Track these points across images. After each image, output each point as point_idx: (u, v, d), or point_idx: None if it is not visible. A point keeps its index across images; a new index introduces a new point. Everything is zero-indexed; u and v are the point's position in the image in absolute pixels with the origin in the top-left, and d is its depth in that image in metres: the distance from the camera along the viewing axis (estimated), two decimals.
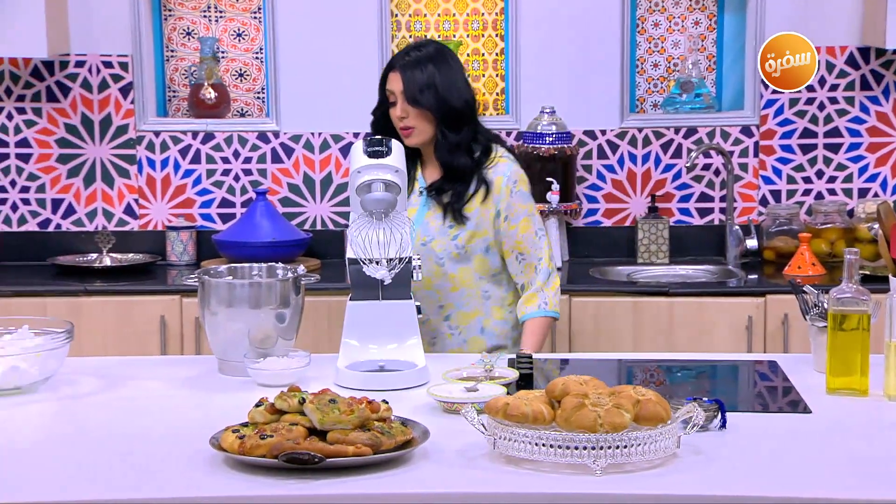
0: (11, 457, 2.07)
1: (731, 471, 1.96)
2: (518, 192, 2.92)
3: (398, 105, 2.87)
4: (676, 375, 2.73)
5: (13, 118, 4.15)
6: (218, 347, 2.59)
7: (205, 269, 2.68)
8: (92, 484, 1.91)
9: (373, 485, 1.89)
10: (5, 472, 1.98)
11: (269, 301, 2.56)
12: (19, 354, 2.40)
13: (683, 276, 4.09)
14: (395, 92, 2.87)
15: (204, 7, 4.25)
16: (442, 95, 2.85)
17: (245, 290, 2.57)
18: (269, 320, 2.55)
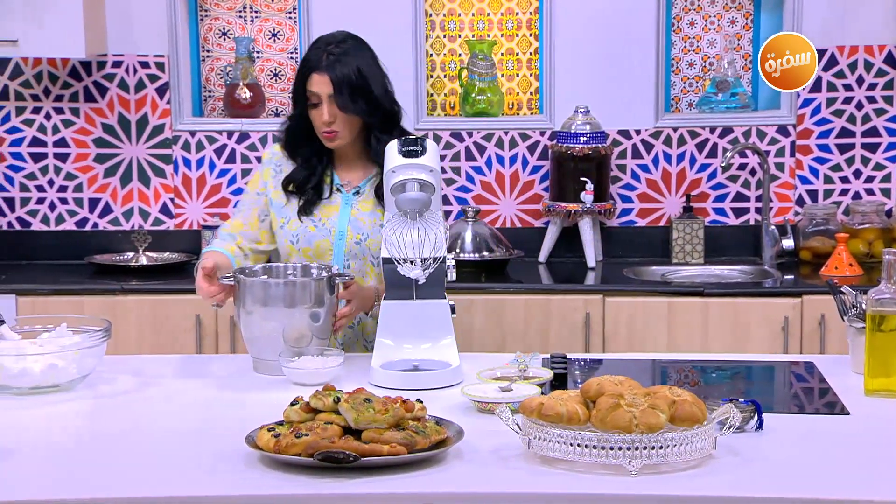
0: (50, 454, 2.09)
1: (768, 472, 1.94)
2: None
3: (324, 108, 2.74)
4: (711, 376, 2.71)
5: (51, 118, 4.19)
6: (253, 346, 2.60)
7: (240, 269, 2.69)
8: (129, 481, 1.93)
9: (407, 484, 1.89)
10: (44, 469, 2.00)
11: (303, 300, 2.57)
12: (58, 352, 2.42)
13: (718, 277, 4.06)
14: (322, 95, 2.74)
15: (239, 7, 4.28)
16: (375, 99, 2.78)
17: (280, 290, 2.58)
18: (303, 319, 2.56)
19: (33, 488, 1.90)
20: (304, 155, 2.84)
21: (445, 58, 4.32)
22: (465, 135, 4.24)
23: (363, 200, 2.83)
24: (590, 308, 3.72)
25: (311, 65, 2.76)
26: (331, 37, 2.83)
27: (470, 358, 2.62)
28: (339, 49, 2.77)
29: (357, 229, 2.81)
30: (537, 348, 3.17)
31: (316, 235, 2.80)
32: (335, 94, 2.74)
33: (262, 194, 2.86)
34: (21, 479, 1.94)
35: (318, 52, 2.77)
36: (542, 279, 3.99)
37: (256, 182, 2.89)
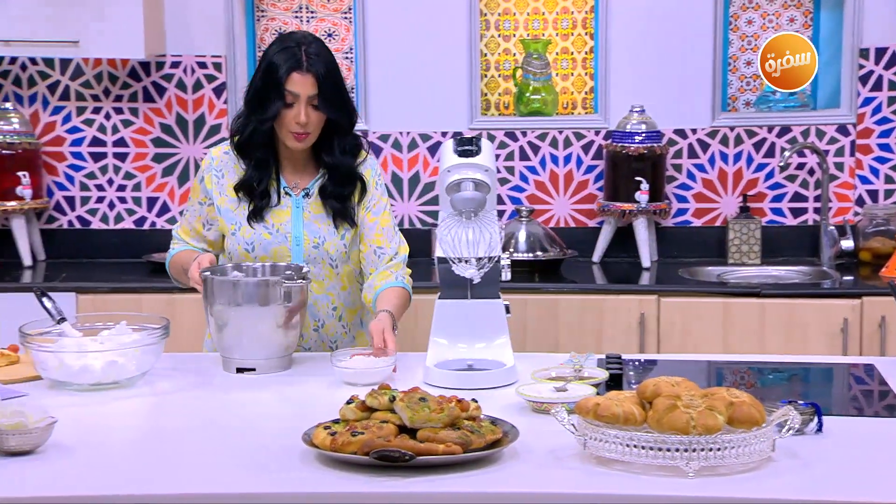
0: (110, 450, 2.12)
1: (828, 475, 1.92)
2: (381, 185, 2.86)
3: (301, 109, 2.67)
4: (768, 378, 2.68)
5: (111, 118, 4.25)
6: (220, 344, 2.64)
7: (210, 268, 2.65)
8: (187, 477, 1.95)
9: (462, 483, 1.89)
10: (103, 465, 2.02)
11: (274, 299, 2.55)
12: (118, 350, 2.45)
13: (776, 277, 4.02)
14: (301, 95, 2.67)
15: (296, 7, 4.31)
16: (346, 103, 2.76)
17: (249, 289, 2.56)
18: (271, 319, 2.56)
19: (93, 484, 1.93)
20: (256, 157, 2.76)
21: (500, 57, 4.31)
22: (519, 134, 4.23)
23: (313, 203, 2.80)
24: (644, 308, 3.70)
25: (290, 64, 2.67)
26: (301, 36, 2.74)
27: (524, 358, 2.62)
28: (313, 49, 2.70)
29: (313, 233, 2.78)
30: (591, 348, 3.15)
31: (272, 242, 2.76)
32: (319, 95, 2.69)
33: (205, 203, 2.81)
34: (81, 475, 1.96)
35: (294, 51, 2.69)
36: (596, 279, 3.97)
37: (197, 191, 2.83)
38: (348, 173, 2.79)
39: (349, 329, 2.88)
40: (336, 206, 2.78)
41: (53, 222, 4.29)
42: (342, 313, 2.85)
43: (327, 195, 2.78)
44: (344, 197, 2.79)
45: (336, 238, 2.79)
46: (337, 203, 2.78)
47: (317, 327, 2.81)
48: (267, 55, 2.74)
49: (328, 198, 2.78)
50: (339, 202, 2.79)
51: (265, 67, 2.71)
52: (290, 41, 2.72)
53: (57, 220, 4.29)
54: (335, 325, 2.85)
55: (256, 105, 2.72)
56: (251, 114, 2.74)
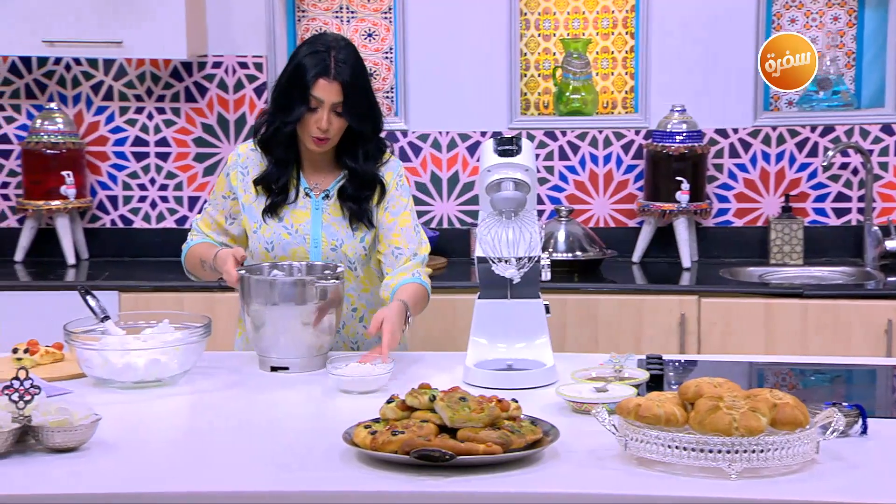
0: (152, 447, 2.14)
1: (873, 478, 1.90)
2: (402, 185, 2.84)
3: (324, 115, 2.68)
4: (810, 379, 2.66)
5: (153, 118, 4.29)
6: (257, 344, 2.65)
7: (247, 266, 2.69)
8: (227, 475, 1.96)
9: (503, 483, 1.88)
10: (147, 462, 2.04)
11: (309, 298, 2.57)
12: (161, 348, 2.47)
13: (818, 278, 3.98)
14: (326, 102, 2.68)
15: (336, 8, 4.32)
16: (372, 109, 2.75)
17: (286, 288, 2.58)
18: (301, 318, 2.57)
19: (136, 481, 1.95)
20: (279, 155, 2.77)
21: (540, 57, 4.30)
22: (558, 134, 4.22)
23: (332, 205, 2.80)
24: (685, 309, 3.68)
25: (318, 69, 2.67)
26: (332, 40, 2.73)
27: (564, 358, 2.61)
28: (342, 55, 2.70)
29: (331, 235, 2.78)
30: (631, 349, 3.14)
31: (291, 243, 2.77)
32: (344, 103, 2.69)
33: (229, 198, 2.83)
34: (125, 472, 1.98)
35: (324, 56, 2.69)
36: (636, 279, 3.95)
37: (222, 185, 2.85)
38: (369, 178, 2.80)
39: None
40: (353, 208, 2.79)
41: (96, 221, 4.34)
42: (363, 314, 2.86)
43: (346, 197, 2.79)
44: (361, 199, 2.79)
45: (354, 241, 2.79)
46: (354, 205, 2.79)
47: (338, 329, 2.81)
48: (297, 55, 2.74)
49: (346, 200, 2.79)
50: (357, 204, 2.79)
51: (293, 69, 2.72)
52: (321, 44, 2.72)
53: (100, 219, 4.34)
54: (356, 326, 2.86)
55: (281, 105, 2.73)
56: (275, 113, 2.75)
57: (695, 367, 2.74)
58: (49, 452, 2.03)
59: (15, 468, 1.97)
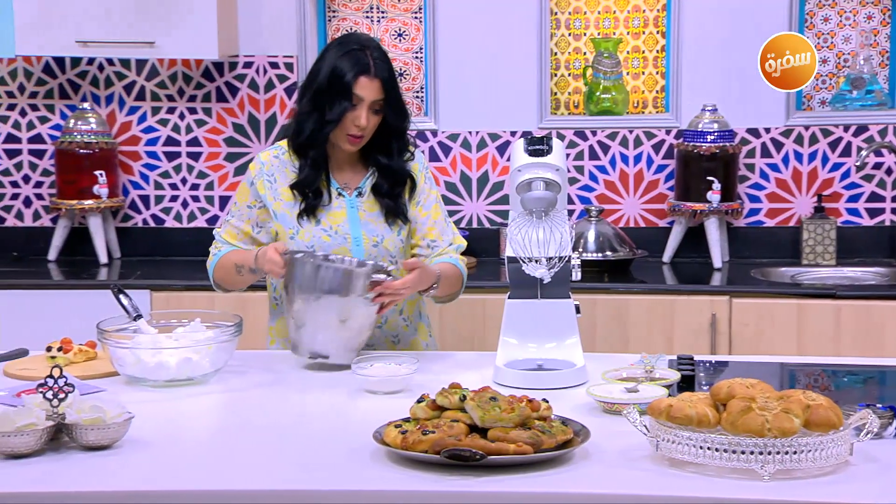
0: (185, 445, 2.15)
1: None
2: (429, 178, 2.88)
3: (363, 113, 2.69)
4: (843, 380, 2.64)
5: (185, 118, 4.31)
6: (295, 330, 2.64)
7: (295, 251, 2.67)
8: (259, 473, 1.97)
9: (533, 483, 1.88)
10: (180, 460, 2.05)
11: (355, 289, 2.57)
12: (193, 346, 2.49)
13: (851, 279, 3.95)
14: (367, 99, 2.69)
15: (366, 8, 4.33)
16: (404, 105, 2.78)
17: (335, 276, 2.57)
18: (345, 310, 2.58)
19: (169, 478, 1.96)
20: (313, 156, 2.76)
21: (570, 56, 4.29)
22: (588, 133, 4.21)
23: (366, 202, 2.81)
24: (716, 309, 3.66)
25: (359, 68, 2.69)
26: (364, 39, 2.75)
27: (594, 358, 2.61)
28: (377, 53, 2.73)
29: (371, 232, 2.79)
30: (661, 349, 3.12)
31: (332, 244, 2.76)
32: (384, 100, 2.71)
33: (255, 207, 2.80)
34: (158, 470, 1.99)
35: (361, 55, 2.70)
36: (667, 279, 3.94)
37: (246, 194, 2.81)
38: (401, 172, 2.82)
39: (410, 322, 2.89)
40: (389, 204, 2.80)
41: (128, 221, 4.37)
42: (402, 307, 2.86)
43: (382, 194, 2.80)
44: (396, 195, 2.81)
45: (393, 235, 2.81)
46: (390, 201, 2.80)
47: (380, 324, 2.81)
48: (328, 57, 2.74)
49: (383, 196, 2.80)
50: (392, 200, 2.81)
51: (330, 70, 2.71)
52: (354, 43, 2.73)
53: (132, 218, 4.37)
54: (397, 320, 2.86)
55: (319, 106, 2.73)
56: (310, 114, 2.74)
57: (726, 367, 2.72)
58: (82, 450, 2.05)
59: (49, 466, 1.99)
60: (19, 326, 3.60)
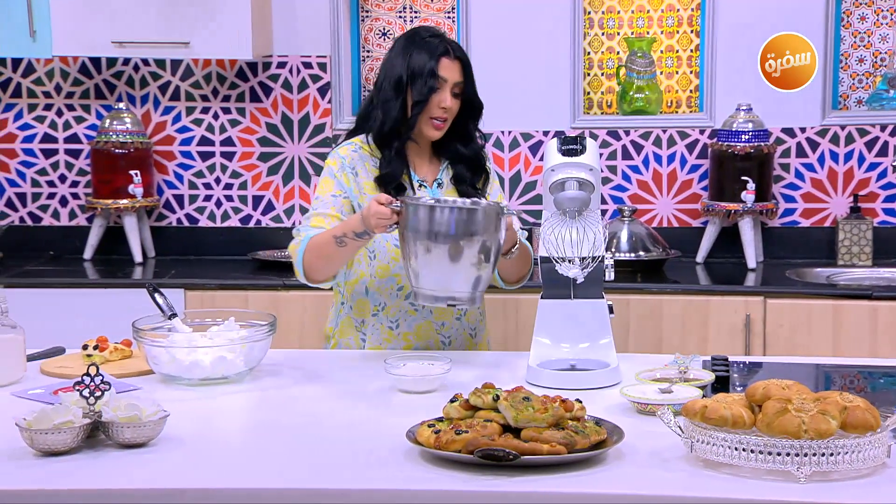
0: (220, 444, 2.16)
1: None
2: (493, 169, 2.93)
3: (447, 95, 2.73)
4: (879, 382, 2.61)
5: (219, 118, 4.33)
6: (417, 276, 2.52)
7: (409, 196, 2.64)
8: (293, 472, 1.98)
9: (567, 484, 1.88)
10: (215, 458, 2.06)
11: (477, 230, 2.48)
12: (227, 345, 2.50)
13: (888, 279, 3.92)
14: (450, 81, 2.73)
15: (399, 8, 4.33)
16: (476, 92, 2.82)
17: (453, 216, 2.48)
18: (473, 251, 2.49)
19: (204, 476, 1.97)
20: (396, 148, 2.75)
21: (603, 56, 4.28)
22: (622, 133, 4.19)
23: (447, 192, 2.82)
24: (750, 310, 3.63)
25: (440, 50, 2.73)
26: (435, 28, 2.84)
27: (627, 358, 2.60)
28: (449, 38, 2.79)
29: None
30: (695, 350, 3.10)
31: None
32: (464, 81, 2.76)
33: (340, 196, 2.75)
34: (193, 468, 2.01)
35: (436, 41, 2.75)
36: (700, 280, 3.91)
37: (330, 185, 2.76)
38: (480, 159, 2.84)
39: (483, 316, 2.92)
40: (472, 194, 2.80)
41: (163, 220, 4.40)
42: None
43: (466, 182, 2.81)
44: (476, 185, 2.83)
45: None
46: (473, 191, 2.81)
47: (459, 316, 2.81)
48: (402, 50, 2.76)
49: (466, 185, 2.81)
50: (474, 189, 2.82)
51: (410, 59, 2.73)
52: (426, 33, 2.79)
53: (166, 217, 4.40)
54: (474, 312, 2.87)
55: (401, 94, 2.73)
56: (394, 102, 2.73)
57: (760, 368, 2.70)
58: (119, 448, 2.06)
59: (86, 463, 2.00)
60: (56, 325, 3.63)
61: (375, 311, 2.80)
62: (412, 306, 2.80)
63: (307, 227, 2.73)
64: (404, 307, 2.80)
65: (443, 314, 2.81)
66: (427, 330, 2.81)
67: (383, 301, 2.80)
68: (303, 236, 2.71)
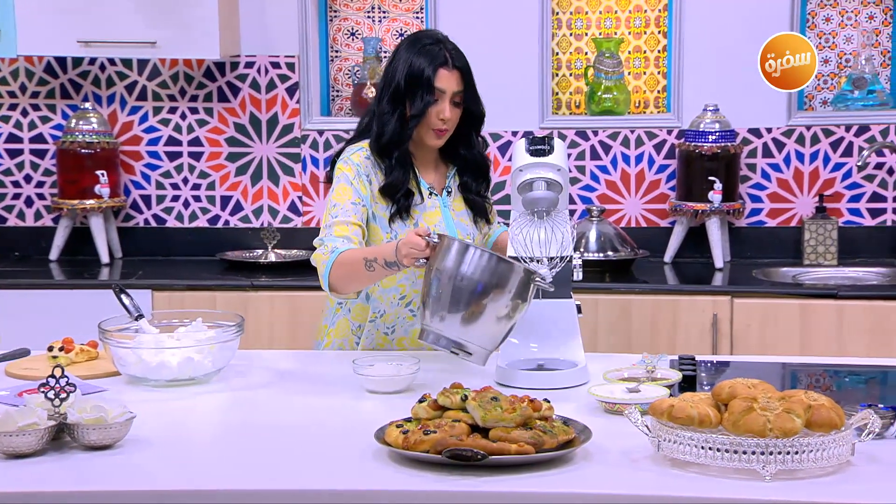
0: (187, 445, 2.15)
1: None
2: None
3: (445, 105, 2.68)
4: (845, 381, 2.64)
5: (186, 118, 4.31)
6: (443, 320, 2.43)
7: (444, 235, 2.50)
8: (261, 473, 1.97)
9: (535, 483, 1.88)
10: (181, 459, 2.05)
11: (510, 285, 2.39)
12: (195, 346, 2.49)
13: (853, 279, 3.95)
14: (448, 91, 2.68)
15: (368, 8, 4.33)
16: (479, 98, 2.78)
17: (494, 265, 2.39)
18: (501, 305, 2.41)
19: (171, 478, 1.96)
20: (397, 157, 2.70)
21: (572, 56, 4.29)
22: (590, 133, 4.21)
23: (454, 200, 2.80)
24: (717, 309, 3.66)
25: (438, 61, 2.68)
26: (435, 34, 2.76)
27: (595, 358, 2.61)
28: (451, 45, 2.74)
29: (464, 230, 2.77)
30: (663, 349, 3.11)
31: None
32: (464, 90, 2.71)
33: (359, 204, 2.69)
34: (159, 469, 2.00)
35: (437, 49, 2.70)
36: (668, 280, 3.94)
37: (349, 192, 2.68)
38: (483, 163, 2.82)
39: None
40: (478, 202, 2.79)
41: (130, 220, 4.37)
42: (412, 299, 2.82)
43: (472, 191, 2.79)
44: (481, 192, 2.82)
45: (479, 235, 2.81)
46: (478, 198, 2.80)
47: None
48: (402, 56, 2.71)
49: (472, 193, 2.78)
50: (480, 197, 2.80)
51: (408, 67, 2.68)
52: (427, 39, 2.73)
53: (133, 218, 4.37)
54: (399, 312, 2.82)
55: (399, 104, 2.69)
56: (392, 113, 2.69)
57: (727, 368, 2.72)
58: (84, 450, 2.05)
59: (51, 465, 1.99)
60: (21, 326, 3.60)
61: (373, 318, 2.78)
62: (411, 313, 2.78)
63: (332, 237, 2.65)
64: (402, 314, 2.79)
65: None
66: None
67: (383, 309, 2.78)
68: (329, 247, 2.63)
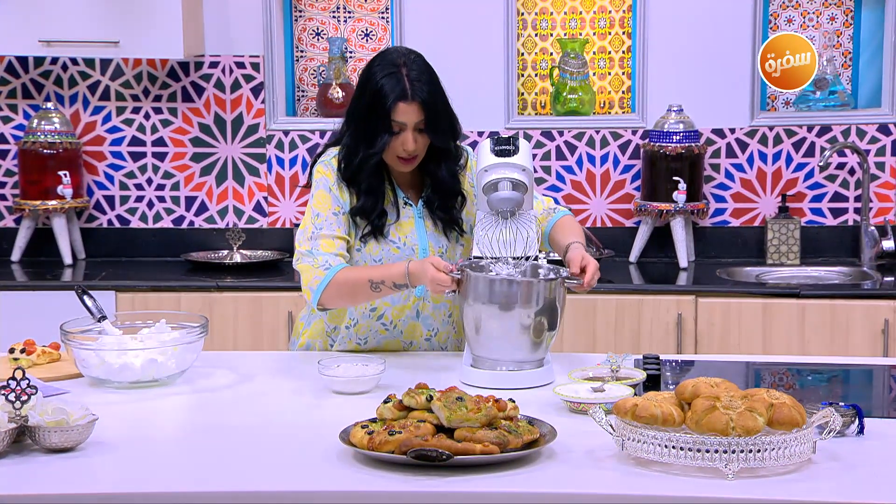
0: (150, 447, 2.13)
1: (869, 478, 1.90)
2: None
3: (408, 136, 2.60)
4: (807, 379, 2.66)
5: (150, 118, 4.28)
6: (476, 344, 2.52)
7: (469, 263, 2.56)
8: (226, 474, 1.96)
9: (500, 483, 1.89)
10: (145, 462, 2.04)
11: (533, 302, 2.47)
12: (158, 348, 2.47)
13: (815, 278, 3.99)
14: (408, 124, 2.59)
15: (333, 8, 4.32)
16: (452, 126, 2.70)
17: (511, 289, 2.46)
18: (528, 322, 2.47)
19: (134, 481, 1.95)
20: (370, 183, 2.65)
21: (537, 56, 4.31)
22: (555, 134, 4.22)
23: (428, 211, 2.74)
24: (682, 309, 3.68)
25: (396, 94, 2.58)
26: (400, 56, 2.63)
27: (561, 357, 2.62)
28: (415, 72, 2.60)
29: (437, 242, 2.73)
30: (628, 349, 3.14)
31: (401, 257, 2.67)
32: (426, 123, 2.61)
33: (340, 213, 2.67)
34: (122, 472, 1.98)
35: (398, 77, 2.59)
36: (633, 279, 3.95)
37: (328, 202, 2.66)
38: (452, 189, 2.73)
39: (456, 330, 2.82)
40: (444, 218, 2.72)
41: (93, 221, 4.33)
42: (450, 312, 2.79)
43: (434, 208, 2.72)
44: (449, 208, 2.73)
45: (454, 244, 2.75)
46: (444, 214, 2.73)
47: (429, 336, 2.76)
48: (372, 78, 2.62)
49: (434, 210, 2.72)
50: (446, 213, 2.73)
51: (372, 94, 2.60)
52: (390, 64, 2.61)
53: (97, 219, 4.33)
54: (444, 332, 2.79)
55: (363, 135, 2.63)
56: (357, 144, 2.64)
57: (692, 367, 2.74)
58: (46, 453, 2.03)
59: (12, 468, 1.97)
60: None
61: (348, 325, 2.76)
62: (383, 326, 2.77)
63: (320, 252, 2.62)
64: (375, 327, 2.76)
65: (412, 333, 2.75)
66: (396, 348, 2.77)
67: (356, 318, 2.75)
68: (321, 261, 2.61)
